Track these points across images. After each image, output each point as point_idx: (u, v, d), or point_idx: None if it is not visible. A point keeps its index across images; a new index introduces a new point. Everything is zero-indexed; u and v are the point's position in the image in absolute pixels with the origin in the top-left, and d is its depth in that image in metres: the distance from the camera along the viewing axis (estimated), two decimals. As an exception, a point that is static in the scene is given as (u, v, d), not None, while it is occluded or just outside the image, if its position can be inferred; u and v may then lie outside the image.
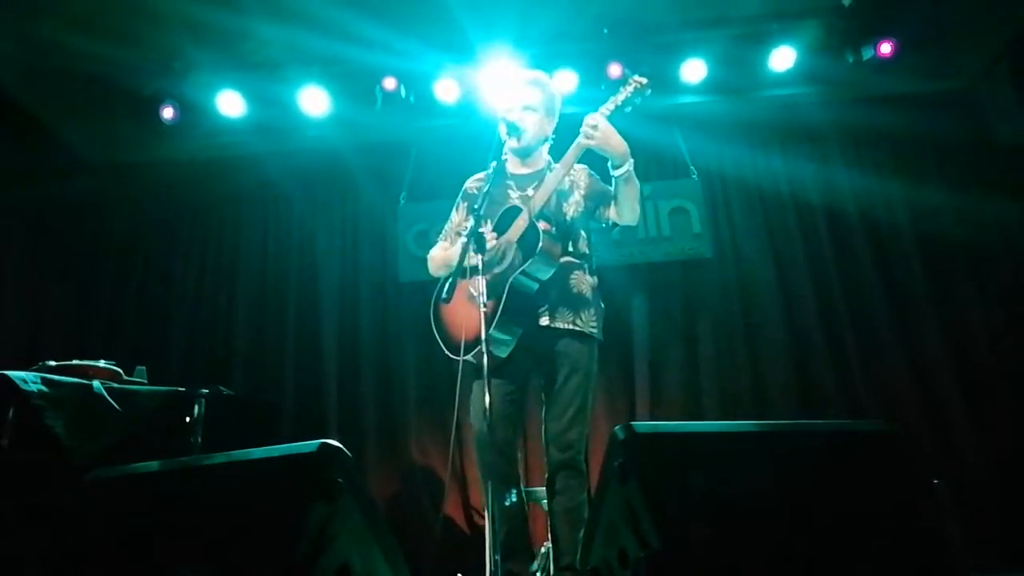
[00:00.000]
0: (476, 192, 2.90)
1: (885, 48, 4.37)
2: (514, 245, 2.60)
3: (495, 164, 2.66)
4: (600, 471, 1.71)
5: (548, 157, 2.91)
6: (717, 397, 4.59)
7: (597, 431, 4.07)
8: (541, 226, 2.56)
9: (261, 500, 1.62)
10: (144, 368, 3.49)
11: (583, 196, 2.79)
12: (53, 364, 3.03)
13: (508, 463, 2.60)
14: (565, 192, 2.77)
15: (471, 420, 2.65)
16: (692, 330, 4.81)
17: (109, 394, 2.96)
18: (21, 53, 4.37)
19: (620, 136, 2.55)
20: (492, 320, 2.46)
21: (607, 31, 4.50)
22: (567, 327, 2.63)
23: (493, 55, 4.55)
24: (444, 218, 3.05)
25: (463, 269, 2.44)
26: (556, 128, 2.93)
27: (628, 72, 4.17)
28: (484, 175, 2.93)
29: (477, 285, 2.37)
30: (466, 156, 3.26)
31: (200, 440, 3.28)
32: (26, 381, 2.72)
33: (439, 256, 2.92)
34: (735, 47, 4.62)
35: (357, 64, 4.64)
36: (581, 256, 2.76)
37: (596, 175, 2.84)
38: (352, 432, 4.66)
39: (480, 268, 2.37)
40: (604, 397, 4.55)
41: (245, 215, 5.39)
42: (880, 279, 4.71)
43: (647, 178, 5.09)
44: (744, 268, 4.91)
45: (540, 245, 2.49)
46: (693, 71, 4.62)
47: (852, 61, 4.48)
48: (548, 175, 2.72)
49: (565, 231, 2.73)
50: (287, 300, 5.11)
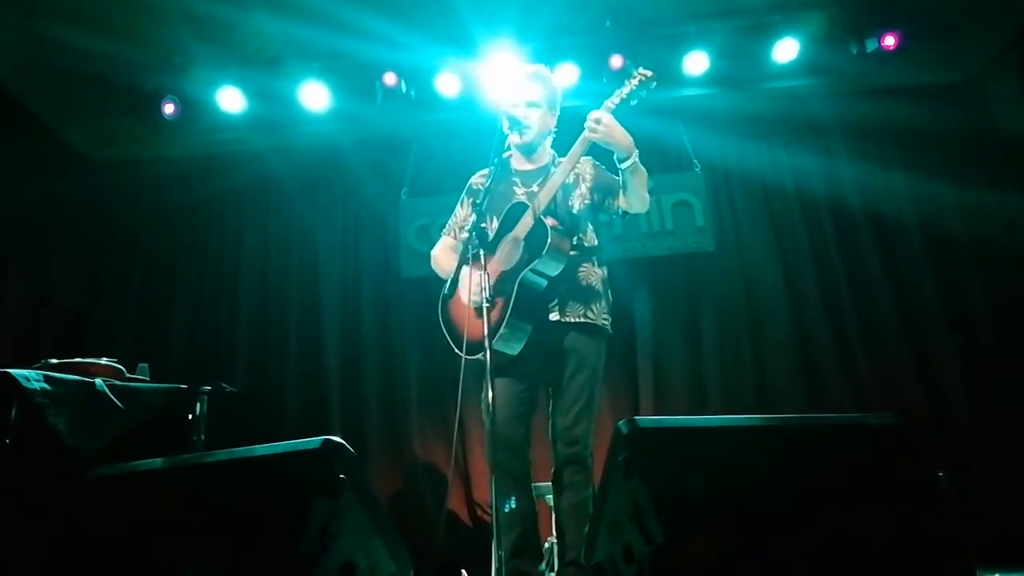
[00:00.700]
0: (481, 187, 2.89)
1: (889, 40, 4.34)
2: (521, 242, 2.59)
3: (499, 160, 2.65)
4: (604, 466, 1.71)
5: (552, 151, 2.90)
6: (721, 391, 4.58)
7: (601, 426, 4.04)
8: (548, 223, 2.55)
9: (264, 497, 1.62)
10: (146, 365, 3.49)
11: (589, 188, 2.78)
12: (55, 362, 3.02)
13: (520, 462, 2.60)
14: (570, 185, 2.77)
15: (483, 417, 2.64)
16: (696, 324, 4.80)
17: (111, 392, 2.96)
18: (21, 50, 4.37)
19: (624, 129, 2.54)
20: (501, 318, 2.45)
21: (609, 24, 4.48)
22: (578, 320, 2.62)
23: (494, 49, 4.54)
24: (446, 213, 3.04)
25: (468, 264, 2.43)
26: (559, 122, 2.92)
27: (631, 64, 4.17)
28: (489, 170, 2.93)
29: (480, 281, 2.36)
30: (468, 151, 3.25)
31: (203, 437, 3.28)
32: (28, 379, 2.71)
33: (442, 258, 2.91)
34: (738, 39, 4.60)
35: (357, 59, 4.63)
36: (589, 248, 2.75)
37: (602, 165, 2.84)
38: (355, 428, 4.66)
39: (483, 264, 2.36)
40: (608, 392, 4.53)
41: (246, 211, 5.38)
42: (884, 272, 4.69)
43: (650, 172, 5.05)
44: (748, 262, 4.89)
45: (548, 242, 2.48)
46: (696, 63, 4.59)
47: (856, 53, 4.45)
48: (553, 171, 2.71)
49: (572, 225, 2.72)
50: (289, 296, 5.10)
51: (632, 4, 4.44)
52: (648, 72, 2.62)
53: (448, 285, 2.42)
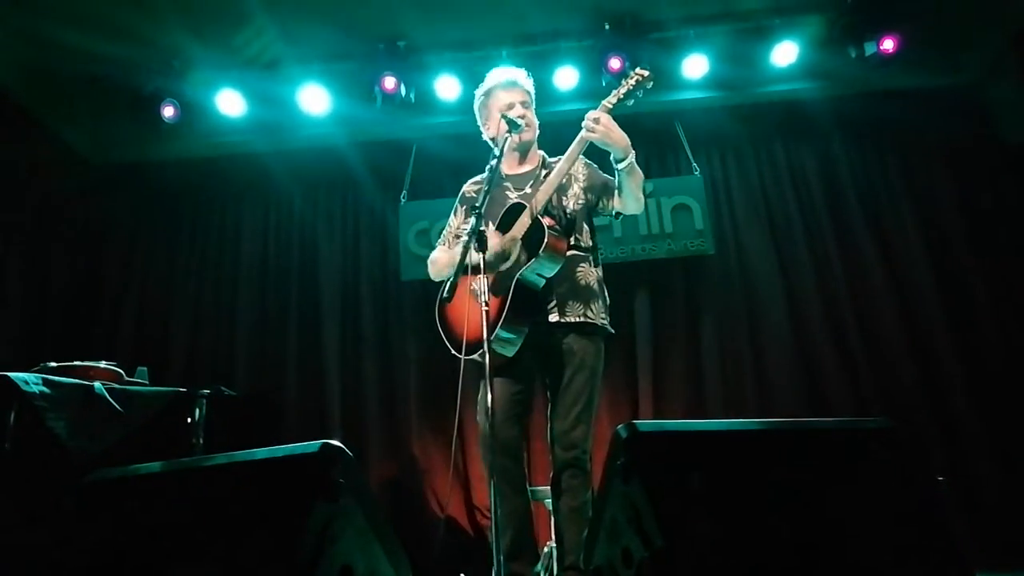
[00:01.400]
0: (474, 195, 2.90)
1: (888, 44, 4.35)
2: (519, 242, 2.58)
3: (492, 165, 2.65)
4: (603, 470, 1.70)
5: (541, 152, 2.90)
6: (720, 395, 4.58)
7: (600, 429, 4.05)
8: (546, 222, 2.55)
9: (263, 501, 1.61)
10: (145, 369, 3.49)
11: (582, 188, 2.78)
12: (54, 365, 3.03)
13: (515, 463, 2.59)
14: (564, 186, 2.76)
15: (477, 419, 2.63)
16: (695, 327, 4.80)
17: (110, 395, 2.96)
18: (22, 52, 4.37)
19: (622, 131, 2.54)
20: (498, 319, 2.45)
21: (608, 27, 4.48)
22: (578, 320, 2.61)
23: (494, 52, 4.54)
24: (445, 216, 3.04)
25: (466, 267, 2.43)
26: (558, 125, 2.93)
27: (629, 67, 4.18)
28: (482, 177, 2.94)
29: (480, 284, 2.36)
30: (467, 154, 3.26)
31: (202, 441, 3.29)
32: (27, 382, 2.71)
33: (440, 261, 2.91)
34: (737, 42, 4.61)
35: (357, 62, 4.64)
36: (585, 248, 2.75)
37: (594, 164, 2.84)
38: (354, 432, 4.66)
39: (482, 266, 2.36)
40: (607, 395, 4.54)
41: (246, 214, 5.38)
42: (884, 274, 4.70)
43: (649, 175, 5.07)
44: (747, 265, 4.89)
45: (546, 241, 2.48)
46: (695, 67, 4.61)
47: (855, 56, 4.46)
48: (552, 170, 2.71)
49: (568, 225, 2.72)
50: (288, 299, 5.11)
51: (631, 7, 4.45)
52: (645, 72, 2.62)
53: (447, 288, 2.41)
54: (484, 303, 2.32)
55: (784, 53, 4.55)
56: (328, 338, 4.96)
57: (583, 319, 2.62)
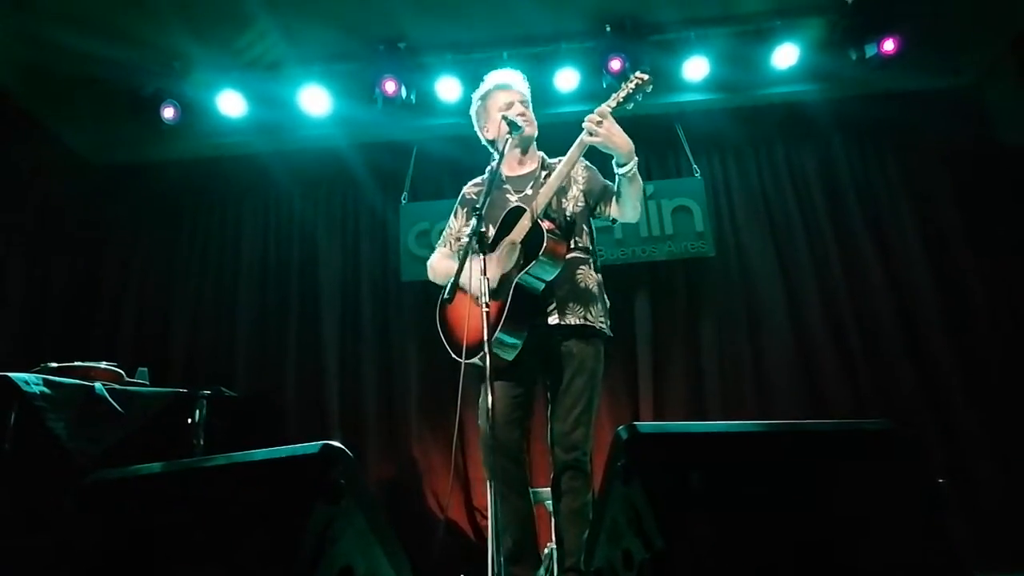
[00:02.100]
0: (475, 197, 2.90)
1: (888, 45, 4.35)
2: (518, 246, 2.58)
3: (492, 167, 2.65)
4: (603, 472, 1.70)
5: (540, 154, 2.90)
6: (721, 397, 4.58)
7: (601, 431, 4.05)
8: (546, 225, 2.54)
9: (263, 502, 1.61)
10: (146, 369, 3.49)
11: (581, 191, 2.78)
12: (55, 365, 3.03)
13: (516, 465, 2.58)
14: (564, 188, 2.76)
15: (478, 422, 2.63)
16: (695, 329, 4.80)
17: (111, 395, 2.96)
18: (22, 54, 4.37)
19: (624, 134, 2.53)
20: (497, 322, 2.44)
21: (609, 29, 4.48)
22: (578, 323, 2.61)
23: (495, 54, 4.55)
24: (445, 217, 3.04)
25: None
26: (557, 128, 2.93)
27: (630, 69, 4.18)
28: (482, 179, 2.94)
29: (480, 287, 2.36)
30: (468, 155, 3.26)
31: (202, 441, 3.29)
32: (28, 383, 2.72)
33: (440, 265, 2.91)
34: (738, 45, 4.62)
35: (358, 63, 4.64)
36: (585, 251, 2.75)
37: (594, 168, 2.83)
38: (354, 433, 4.65)
39: (483, 269, 2.36)
40: (607, 397, 4.54)
41: (246, 215, 5.38)
42: (884, 276, 4.70)
43: (650, 177, 5.09)
44: (747, 267, 4.89)
45: (545, 245, 2.47)
46: (696, 69, 4.61)
47: (855, 58, 4.47)
48: (552, 173, 2.70)
49: (568, 228, 2.72)
50: (289, 301, 5.10)
51: (632, 10, 4.46)
52: (645, 76, 2.61)
53: (448, 289, 2.41)
54: (484, 306, 2.31)
55: (785, 55, 4.56)
56: (328, 339, 4.95)
57: (583, 322, 2.62)
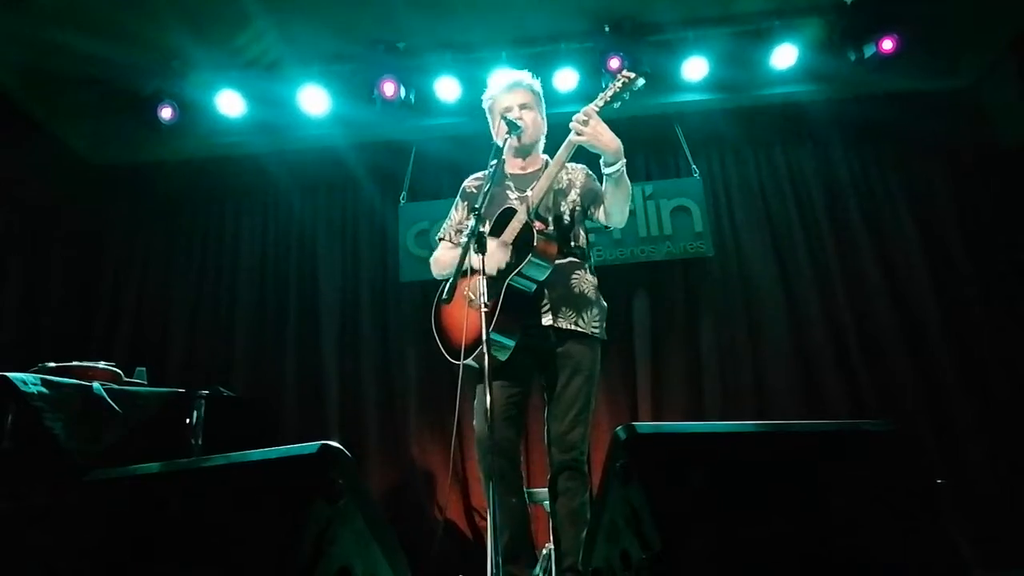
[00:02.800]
0: (475, 191, 2.89)
1: (887, 44, 4.35)
2: (510, 246, 2.58)
3: (495, 163, 2.64)
4: (602, 472, 1.70)
5: (544, 156, 2.90)
6: (719, 397, 4.58)
7: (599, 431, 4.06)
8: (536, 226, 2.54)
9: (261, 502, 1.61)
10: (144, 369, 3.48)
11: (579, 194, 2.78)
12: (53, 365, 3.02)
13: (511, 465, 2.58)
14: (563, 191, 2.77)
15: (474, 422, 2.63)
16: (694, 329, 4.80)
17: (109, 395, 2.95)
18: (20, 54, 4.37)
19: (612, 133, 2.52)
20: (489, 322, 2.44)
21: (608, 29, 4.48)
22: (570, 327, 2.61)
23: (494, 54, 4.55)
24: (444, 217, 3.04)
25: (463, 270, 2.42)
26: (557, 127, 2.92)
27: (628, 68, 4.18)
28: (483, 174, 2.93)
29: (476, 287, 2.35)
30: (466, 155, 3.26)
31: (200, 441, 3.27)
32: (26, 382, 2.70)
33: (443, 258, 2.91)
34: (736, 45, 4.62)
35: (357, 63, 4.64)
36: (581, 255, 2.75)
37: (594, 175, 2.83)
38: (353, 433, 4.66)
39: (482, 269, 2.35)
40: (606, 397, 4.54)
41: (245, 215, 5.38)
42: (882, 277, 4.70)
43: (649, 177, 5.10)
44: (746, 267, 4.90)
45: (535, 245, 2.48)
46: (694, 69, 4.61)
47: (854, 59, 4.47)
48: (543, 174, 2.70)
49: (564, 230, 2.72)
50: (287, 300, 5.10)
51: (631, 10, 4.45)
52: (631, 74, 2.60)
53: (447, 289, 2.41)
54: (482, 306, 2.31)
55: (783, 56, 4.56)
56: (327, 338, 4.96)
57: (574, 327, 2.62)
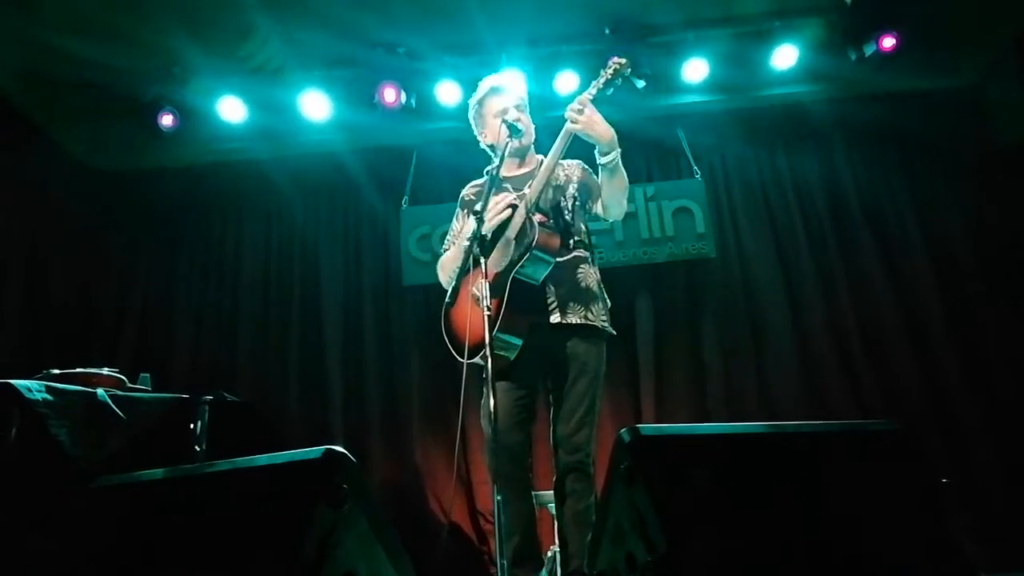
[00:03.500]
0: (473, 198, 2.90)
1: (888, 42, 4.33)
2: (512, 241, 2.58)
3: (491, 170, 2.65)
4: (606, 474, 1.70)
5: (539, 156, 2.90)
6: (723, 398, 4.57)
7: (603, 433, 4.03)
8: (537, 219, 2.54)
9: (266, 507, 1.61)
10: (148, 375, 3.48)
11: (576, 189, 2.79)
12: (57, 372, 3.02)
13: (520, 468, 2.58)
14: (562, 186, 2.77)
15: (482, 425, 2.63)
16: (697, 330, 4.79)
17: (113, 402, 2.96)
18: (21, 59, 4.38)
19: (606, 123, 2.53)
20: (495, 321, 2.44)
21: (609, 31, 4.48)
22: (579, 322, 2.61)
23: (495, 57, 4.55)
24: (447, 221, 3.05)
25: (467, 271, 2.42)
26: (558, 130, 2.92)
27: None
28: (481, 181, 2.94)
29: (480, 287, 2.36)
30: (468, 158, 3.26)
31: (204, 447, 3.27)
32: (30, 389, 2.71)
33: (450, 262, 2.91)
34: (737, 46, 4.61)
35: (358, 68, 4.64)
36: (585, 248, 2.75)
37: (591, 170, 2.83)
38: (356, 437, 4.65)
39: (484, 270, 2.35)
40: (609, 398, 4.53)
41: (247, 220, 5.39)
42: (885, 277, 4.69)
43: (650, 178, 5.09)
44: (749, 268, 4.89)
45: (536, 239, 2.47)
46: (695, 70, 4.61)
47: (855, 59, 4.46)
48: (540, 170, 2.71)
49: (566, 224, 2.72)
50: (290, 305, 5.11)
51: (631, 12, 4.45)
52: (622, 60, 2.60)
53: (449, 293, 2.41)
54: (485, 307, 2.31)
55: (784, 56, 4.56)
56: (330, 342, 4.96)
57: (584, 321, 2.62)
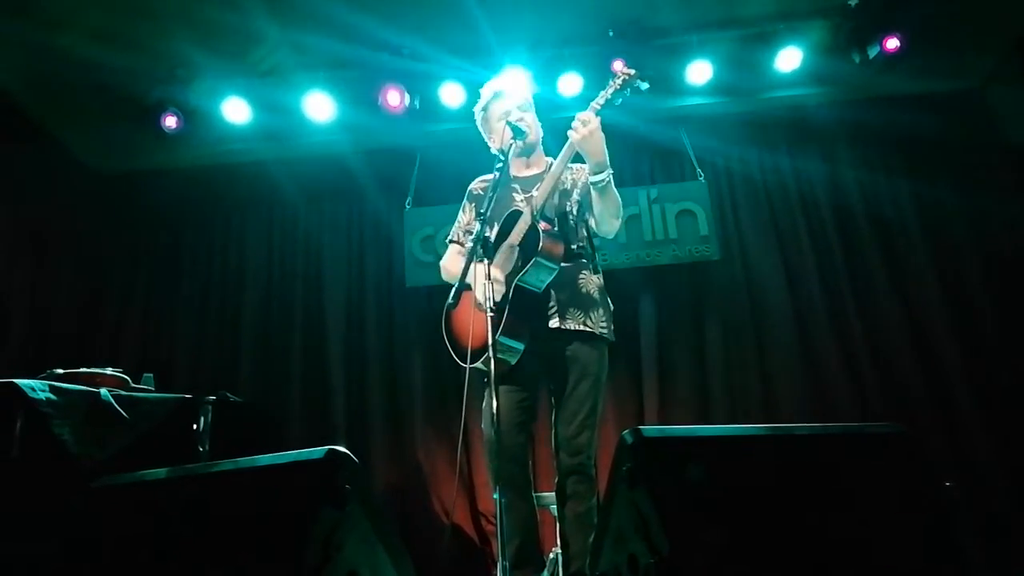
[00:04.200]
0: (482, 193, 2.90)
1: (892, 43, 4.32)
2: (516, 248, 2.58)
3: (500, 167, 2.65)
4: (608, 476, 1.70)
5: (548, 159, 2.90)
6: (726, 400, 4.56)
7: (605, 435, 4.05)
8: (542, 227, 2.54)
9: (268, 507, 1.61)
10: (151, 375, 3.50)
11: (581, 194, 2.79)
12: (60, 372, 3.03)
13: (521, 470, 2.59)
14: (567, 192, 2.77)
15: (483, 427, 2.63)
16: (700, 333, 4.78)
17: (116, 401, 2.97)
18: (26, 61, 4.39)
19: (603, 144, 2.52)
20: (498, 326, 2.44)
21: (612, 34, 4.49)
22: (578, 328, 2.61)
23: (499, 59, 4.55)
24: (450, 223, 3.05)
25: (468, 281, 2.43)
26: (562, 131, 2.93)
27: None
28: (490, 176, 2.93)
29: (484, 291, 2.36)
30: (472, 160, 3.26)
31: (207, 447, 3.29)
32: (34, 389, 2.72)
33: (452, 265, 2.91)
34: (741, 48, 4.61)
35: (362, 69, 4.65)
36: (587, 255, 2.75)
37: None
38: (359, 438, 4.65)
39: (487, 273, 2.36)
40: (612, 401, 4.53)
41: (251, 221, 5.39)
42: (889, 279, 4.68)
43: (654, 181, 5.09)
44: (752, 270, 4.88)
45: (540, 246, 2.48)
46: (699, 73, 4.60)
47: (859, 61, 4.46)
48: (547, 174, 2.71)
49: (569, 230, 2.72)
50: (293, 306, 5.11)
51: (635, 14, 4.45)
52: (631, 71, 2.61)
53: (452, 295, 2.42)
54: (489, 310, 2.31)
55: (788, 59, 4.55)
56: (333, 343, 4.96)
57: (583, 327, 2.62)
